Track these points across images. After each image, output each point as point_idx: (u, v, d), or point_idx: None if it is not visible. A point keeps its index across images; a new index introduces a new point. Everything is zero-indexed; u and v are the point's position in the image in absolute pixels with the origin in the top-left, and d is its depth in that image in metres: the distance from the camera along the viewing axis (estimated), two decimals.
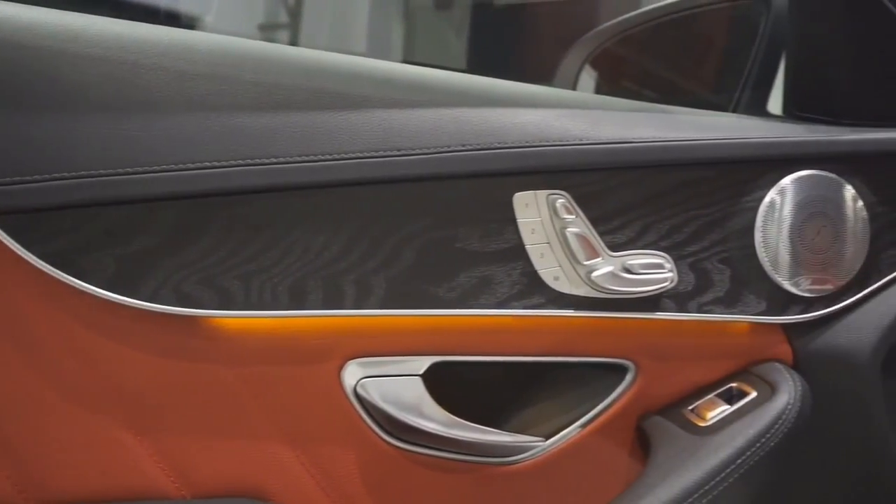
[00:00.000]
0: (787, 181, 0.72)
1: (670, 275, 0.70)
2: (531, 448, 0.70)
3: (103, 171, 0.60)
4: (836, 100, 0.78)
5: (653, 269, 0.69)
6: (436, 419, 0.67)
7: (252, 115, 0.63)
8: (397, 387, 0.67)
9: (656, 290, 0.70)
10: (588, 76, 1.19)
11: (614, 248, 0.69)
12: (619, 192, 0.69)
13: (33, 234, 0.59)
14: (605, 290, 0.68)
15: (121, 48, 0.62)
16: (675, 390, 0.74)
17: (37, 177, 0.58)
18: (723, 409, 0.71)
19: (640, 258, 0.69)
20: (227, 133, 0.62)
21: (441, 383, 0.68)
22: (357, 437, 0.67)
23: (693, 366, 0.74)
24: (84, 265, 0.60)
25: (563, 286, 0.68)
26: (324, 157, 0.63)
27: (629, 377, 0.72)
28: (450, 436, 0.68)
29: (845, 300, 0.74)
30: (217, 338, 0.64)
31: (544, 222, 0.68)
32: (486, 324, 0.69)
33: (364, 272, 0.65)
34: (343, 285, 0.64)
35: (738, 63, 0.94)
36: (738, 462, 0.67)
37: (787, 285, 0.73)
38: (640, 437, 0.74)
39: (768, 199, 0.72)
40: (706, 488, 0.66)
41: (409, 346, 0.68)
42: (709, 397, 0.73)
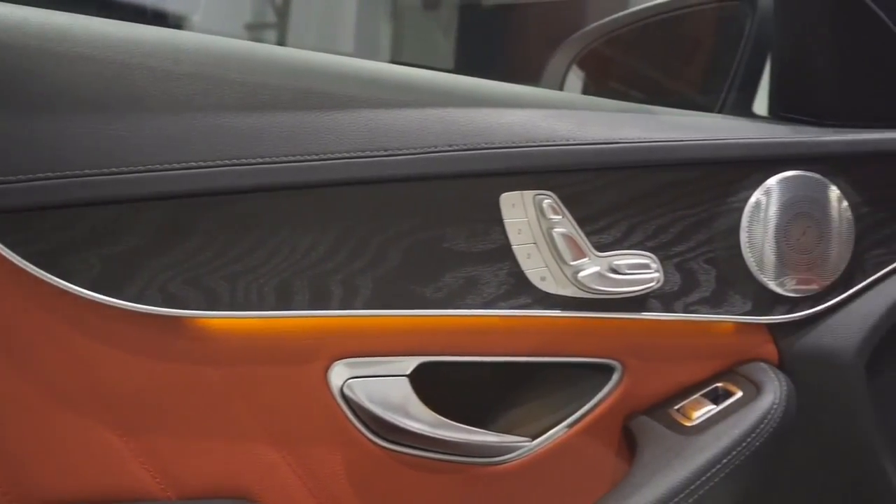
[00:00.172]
0: (773, 182, 0.73)
1: (656, 275, 0.70)
2: (518, 448, 0.71)
3: (88, 170, 0.59)
4: (821, 101, 0.78)
5: (639, 270, 0.70)
6: (422, 419, 0.67)
7: (238, 114, 0.63)
8: (384, 387, 0.67)
9: (642, 290, 0.70)
10: (575, 76, 1.19)
11: (601, 248, 0.69)
12: (605, 193, 0.69)
13: (17, 235, 0.59)
14: (592, 290, 0.69)
15: (107, 47, 0.62)
16: (661, 390, 0.74)
17: (21, 177, 0.58)
18: (708, 409, 0.72)
19: (626, 258, 0.70)
20: (214, 133, 0.62)
21: (428, 384, 0.68)
22: (343, 438, 0.67)
23: (679, 366, 0.74)
24: (69, 265, 0.60)
25: (550, 286, 0.68)
26: (310, 157, 0.63)
27: (615, 377, 0.73)
28: (436, 436, 0.68)
29: (830, 300, 0.74)
30: (203, 338, 0.64)
31: (531, 222, 0.68)
32: (472, 324, 0.69)
33: (351, 272, 0.65)
34: (330, 285, 0.64)
35: (723, 64, 0.95)
36: (724, 462, 0.67)
37: (772, 285, 0.73)
38: (627, 437, 0.74)
39: (754, 200, 0.72)
40: (692, 488, 0.66)
41: (395, 346, 0.68)
42: (695, 397, 0.73)
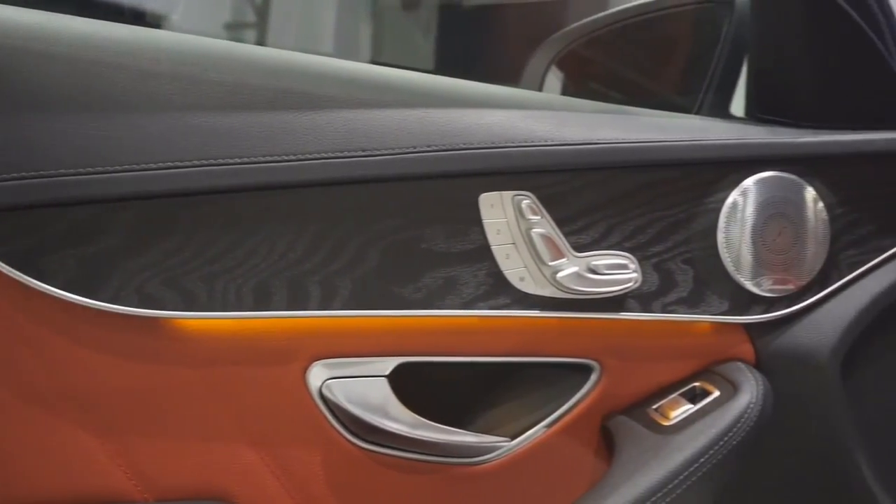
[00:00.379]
0: (750, 182, 0.73)
1: (635, 275, 0.70)
2: (497, 448, 0.71)
3: (64, 170, 0.59)
4: (798, 103, 0.79)
5: (617, 270, 0.70)
6: (401, 420, 0.67)
7: (216, 114, 0.63)
8: (363, 388, 0.67)
9: (621, 290, 0.70)
10: (554, 77, 1.19)
11: (579, 248, 0.70)
12: (583, 193, 0.70)
13: None
14: (571, 290, 0.69)
15: (84, 46, 0.61)
16: (639, 390, 0.74)
17: None
18: (686, 409, 0.72)
19: (604, 259, 0.70)
20: (191, 132, 0.62)
21: (407, 384, 0.68)
22: (322, 439, 0.67)
23: (657, 365, 0.74)
24: (44, 266, 0.59)
25: (529, 287, 0.69)
26: (288, 158, 0.63)
27: (594, 377, 0.73)
28: (415, 436, 0.68)
29: (806, 300, 0.75)
30: (180, 339, 0.64)
31: (510, 223, 0.68)
32: (451, 324, 0.69)
33: (329, 273, 0.65)
34: (308, 286, 0.64)
35: (701, 66, 0.95)
36: (701, 461, 0.67)
37: (749, 285, 0.73)
38: (605, 437, 0.74)
39: (731, 200, 0.73)
40: (670, 487, 0.67)
41: (374, 346, 0.68)
42: (672, 396, 0.74)
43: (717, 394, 0.72)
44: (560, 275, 0.68)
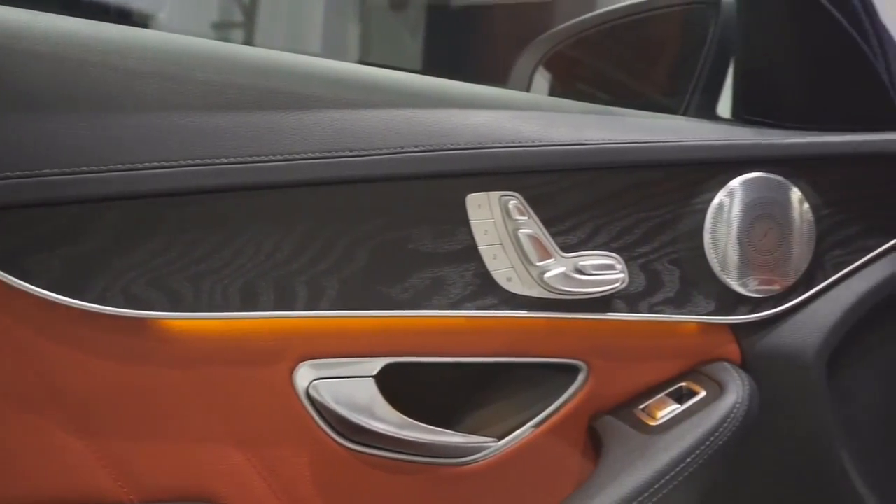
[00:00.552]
0: (736, 183, 0.73)
1: (621, 276, 0.71)
2: (484, 449, 0.71)
3: (49, 170, 0.59)
4: (783, 104, 0.79)
5: (604, 270, 0.70)
6: (388, 420, 0.67)
7: (203, 114, 0.62)
8: (350, 388, 0.67)
9: (608, 290, 0.70)
10: (542, 78, 1.20)
11: (566, 249, 0.70)
12: (570, 194, 0.70)
13: None
14: (558, 290, 0.69)
15: (69, 45, 0.61)
16: (626, 390, 0.74)
17: None
18: (673, 409, 0.72)
19: (591, 259, 0.70)
20: (177, 132, 0.61)
21: (394, 384, 0.68)
22: (309, 440, 0.67)
23: (644, 365, 0.75)
24: (29, 266, 0.59)
25: (516, 287, 0.69)
26: (275, 158, 0.63)
27: (581, 377, 0.73)
28: (402, 437, 0.68)
29: (792, 300, 0.75)
30: (166, 340, 0.63)
31: (497, 223, 0.68)
32: (439, 325, 0.69)
33: (316, 273, 0.64)
34: (295, 286, 0.64)
35: (688, 67, 0.96)
36: (688, 461, 0.68)
37: (735, 286, 0.74)
38: (592, 437, 0.74)
39: (717, 201, 0.73)
40: (656, 487, 0.67)
41: (361, 347, 0.67)
42: (659, 397, 0.74)
43: (703, 394, 0.72)
44: (547, 275, 0.68)
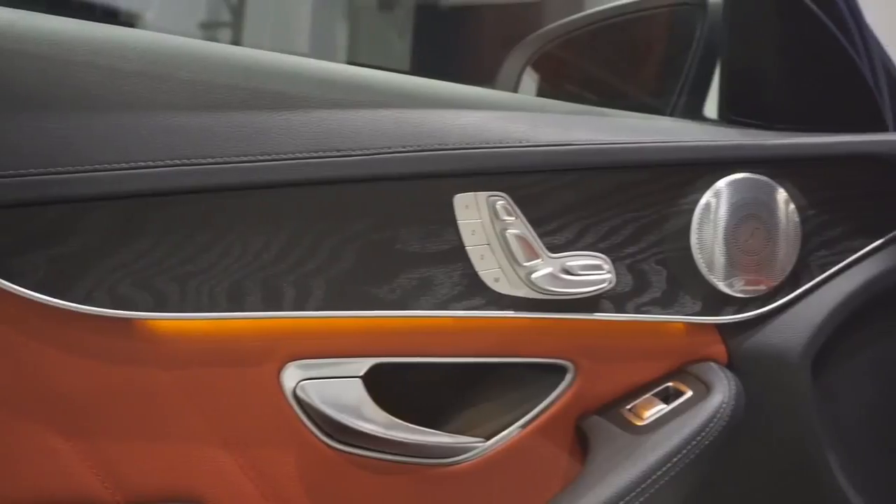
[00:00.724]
0: (722, 184, 0.74)
1: (609, 276, 0.71)
2: (471, 449, 0.71)
3: (34, 170, 0.58)
4: (770, 105, 0.80)
5: (591, 271, 0.70)
6: (376, 421, 0.67)
7: (188, 114, 0.62)
8: (337, 389, 0.67)
9: (595, 290, 0.70)
10: (530, 78, 1.20)
11: (554, 249, 0.70)
12: (558, 194, 0.70)
13: None
14: (545, 291, 0.69)
15: (52, 44, 0.61)
16: (613, 390, 0.75)
17: None
18: (659, 409, 0.72)
19: (578, 259, 0.70)
20: (163, 132, 0.61)
21: (381, 385, 0.68)
22: (297, 440, 0.67)
23: (631, 365, 0.75)
24: (13, 267, 0.59)
25: (504, 287, 0.69)
26: (262, 158, 0.63)
27: (568, 377, 0.73)
28: (390, 437, 0.68)
29: (778, 301, 0.75)
30: (153, 340, 0.63)
31: (484, 224, 0.68)
32: (426, 325, 0.69)
33: (303, 273, 0.64)
34: (282, 287, 0.64)
35: (675, 68, 0.96)
36: (674, 460, 0.68)
37: (721, 286, 0.74)
38: (580, 437, 0.74)
39: (704, 202, 0.73)
40: (643, 486, 0.67)
41: (349, 347, 0.67)
42: (646, 396, 0.74)
43: (689, 394, 0.72)
44: (534, 275, 0.69)
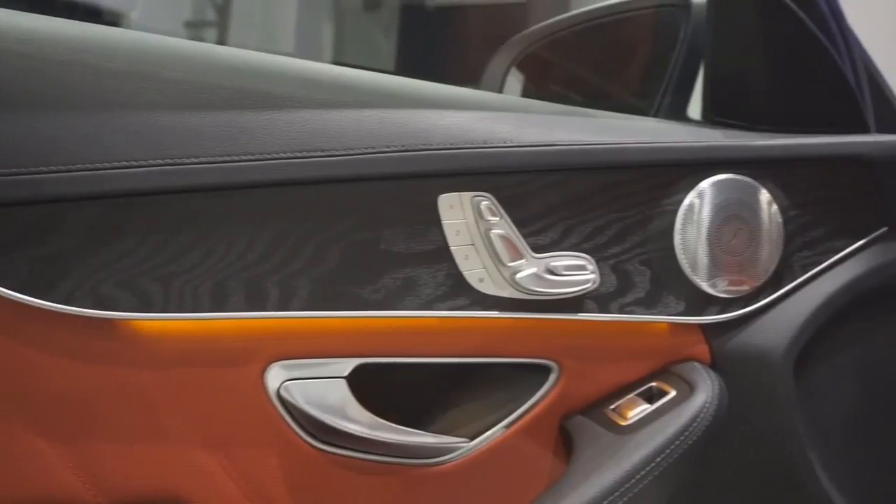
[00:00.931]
0: (706, 185, 0.74)
1: (593, 276, 0.71)
2: (456, 449, 0.71)
3: (15, 169, 0.58)
4: (752, 106, 0.80)
5: (576, 271, 0.70)
6: (360, 421, 0.67)
7: (173, 113, 0.62)
8: (321, 389, 0.67)
9: (579, 291, 0.71)
10: (514, 79, 1.20)
11: (538, 249, 0.70)
12: (542, 195, 0.70)
13: None
14: (529, 291, 0.69)
15: (35, 43, 0.60)
16: (597, 390, 0.75)
17: None
18: (643, 408, 0.73)
19: (563, 260, 0.70)
20: (147, 132, 0.61)
21: (366, 385, 0.68)
22: (280, 441, 0.66)
23: (615, 365, 0.75)
24: None
25: (488, 287, 0.69)
26: (246, 158, 0.62)
27: (553, 377, 0.73)
28: (374, 438, 0.68)
29: (760, 301, 0.76)
30: (136, 341, 0.63)
31: (469, 224, 0.68)
32: (410, 325, 0.69)
33: (288, 273, 0.64)
34: (266, 287, 0.64)
35: (659, 69, 0.96)
36: (658, 460, 0.68)
37: (705, 286, 0.74)
38: (564, 437, 0.75)
39: (687, 202, 0.74)
40: (627, 486, 0.67)
41: (333, 347, 0.67)
42: (630, 396, 0.74)
43: (673, 393, 0.73)
44: (519, 276, 0.69)
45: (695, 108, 0.91)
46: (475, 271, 0.68)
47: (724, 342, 0.76)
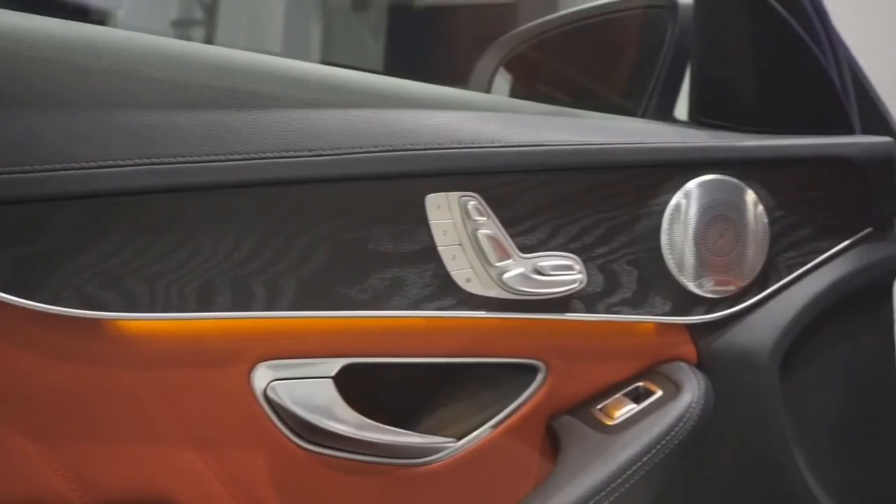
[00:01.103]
0: (692, 185, 0.74)
1: (580, 276, 0.71)
2: (443, 449, 0.71)
3: (0, 168, 0.58)
4: (739, 107, 0.80)
5: (563, 271, 0.71)
6: (347, 421, 0.67)
7: (158, 112, 0.62)
8: (308, 389, 0.67)
9: (566, 291, 0.71)
10: (502, 79, 1.20)
11: (525, 249, 0.70)
12: (529, 195, 0.70)
13: None
14: (516, 291, 0.69)
15: (19, 41, 0.60)
16: (584, 390, 0.75)
17: None
18: (630, 408, 0.73)
19: (550, 260, 0.70)
20: (132, 131, 0.61)
21: (353, 385, 0.68)
22: (267, 441, 0.66)
23: (602, 365, 0.75)
24: None
25: (475, 287, 0.69)
26: (232, 157, 0.62)
27: (540, 377, 0.73)
28: (361, 438, 0.67)
29: (746, 301, 0.76)
30: (122, 341, 0.63)
31: (456, 224, 0.68)
32: (397, 325, 0.69)
33: (274, 273, 0.64)
34: (253, 287, 0.64)
35: (646, 70, 0.97)
36: (644, 460, 0.68)
37: (691, 286, 0.74)
38: (551, 437, 0.75)
39: (674, 203, 0.74)
40: (613, 485, 0.67)
41: (320, 347, 0.67)
42: (616, 396, 0.74)
43: (659, 393, 0.73)
44: (506, 276, 0.69)
45: (682, 109, 0.92)
46: (462, 271, 0.68)
47: (711, 342, 0.76)
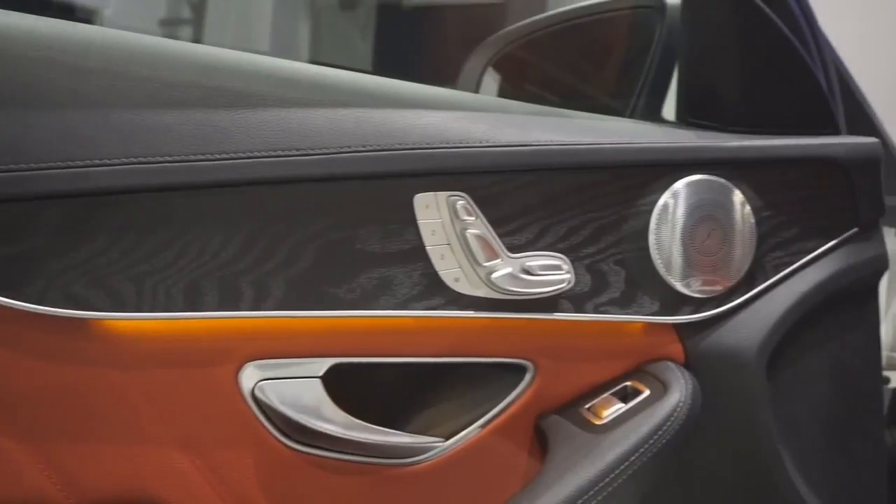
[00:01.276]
0: (680, 185, 0.75)
1: (568, 276, 0.71)
2: (431, 449, 0.71)
3: None
4: (726, 107, 0.81)
5: (551, 271, 0.71)
6: (335, 421, 0.67)
7: (146, 111, 0.61)
8: (296, 389, 0.66)
9: (554, 290, 0.71)
10: (491, 79, 1.20)
11: (513, 249, 0.70)
12: (518, 194, 0.70)
13: None
14: (505, 290, 0.69)
15: (6, 40, 0.60)
16: (572, 389, 0.75)
17: None
18: (617, 408, 0.73)
19: (538, 259, 0.70)
20: (120, 130, 0.60)
21: (341, 385, 0.68)
22: (255, 441, 0.66)
23: (590, 365, 0.75)
24: None
25: (464, 287, 0.69)
26: (220, 157, 0.62)
27: (528, 377, 0.73)
28: (349, 438, 0.67)
29: (733, 301, 0.76)
30: (109, 341, 0.62)
31: (444, 224, 0.68)
32: (386, 325, 0.69)
33: (262, 273, 0.64)
34: (240, 286, 0.63)
35: (634, 70, 0.97)
36: (632, 459, 0.68)
37: (679, 286, 0.75)
38: (539, 436, 0.75)
39: (662, 203, 0.74)
40: (601, 485, 0.67)
41: (308, 347, 0.67)
42: (604, 396, 0.75)
43: (647, 393, 0.73)
44: (494, 275, 0.69)
45: (669, 110, 0.92)
46: (451, 271, 0.68)
47: (698, 342, 0.76)
